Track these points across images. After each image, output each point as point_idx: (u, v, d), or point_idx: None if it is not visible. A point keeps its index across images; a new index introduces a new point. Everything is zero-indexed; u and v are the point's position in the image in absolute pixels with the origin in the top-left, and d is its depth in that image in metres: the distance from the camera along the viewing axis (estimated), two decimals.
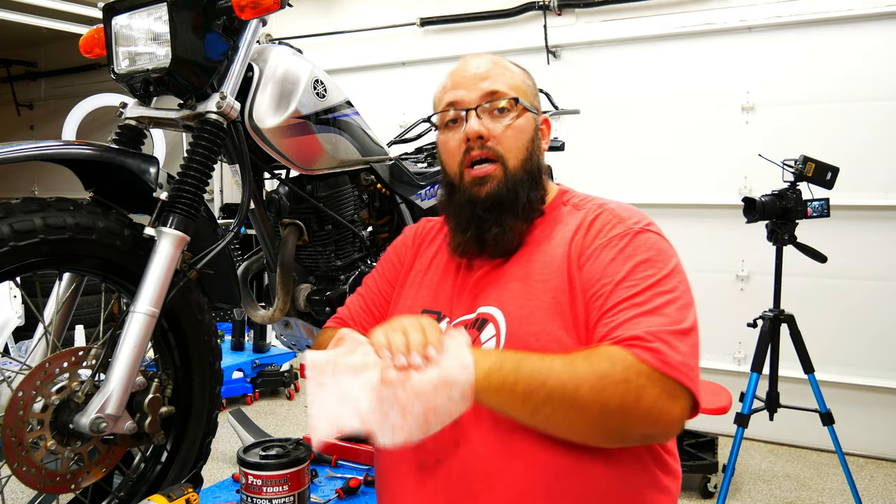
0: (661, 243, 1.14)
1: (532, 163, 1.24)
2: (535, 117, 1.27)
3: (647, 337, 1.01)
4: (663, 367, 0.99)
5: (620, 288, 1.08)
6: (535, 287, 1.15)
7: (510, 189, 1.21)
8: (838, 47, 3.54)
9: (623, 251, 1.12)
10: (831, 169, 2.66)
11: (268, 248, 1.77)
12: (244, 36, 1.48)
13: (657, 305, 1.05)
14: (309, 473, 1.48)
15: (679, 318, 1.05)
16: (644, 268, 1.09)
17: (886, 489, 3.19)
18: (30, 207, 1.24)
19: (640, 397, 0.99)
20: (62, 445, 1.28)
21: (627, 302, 1.06)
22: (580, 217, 1.20)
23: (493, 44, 4.41)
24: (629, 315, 1.04)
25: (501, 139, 1.21)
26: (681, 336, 1.03)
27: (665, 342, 1.01)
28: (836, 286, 3.57)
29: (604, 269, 1.11)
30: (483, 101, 1.22)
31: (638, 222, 1.16)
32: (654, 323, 1.03)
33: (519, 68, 1.30)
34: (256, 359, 4.37)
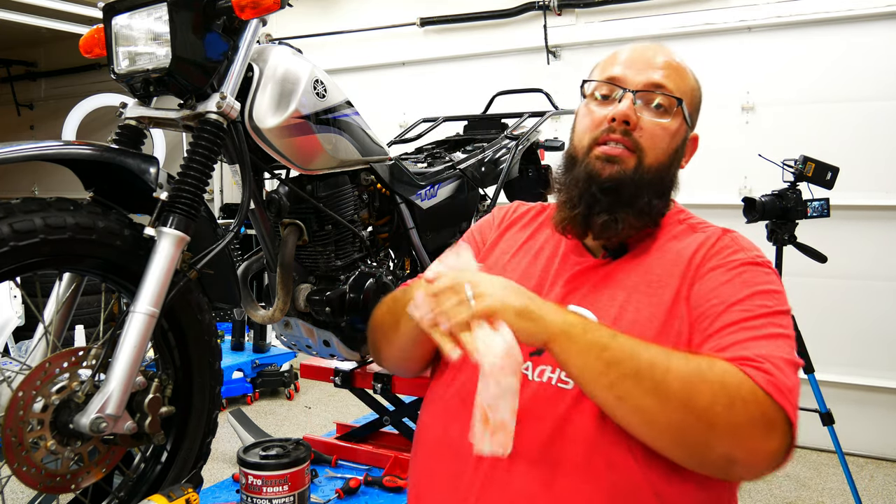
0: (779, 284, 1.07)
1: (668, 171, 1.16)
2: (688, 130, 1.20)
3: (758, 358, 0.92)
4: (769, 387, 0.88)
5: (733, 310, 0.99)
6: (639, 300, 1.07)
7: (636, 183, 1.11)
8: (838, 47, 3.54)
9: (741, 276, 1.04)
10: (831, 169, 2.66)
11: (268, 248, 1.77)
12: (244, 36, 1.48)
13: (771, 333, 0.96)
14: (309, 473, 1.48)
15: (791, 352, 0.95)
16: (761, 297, 1.01)
17: (886, 489, 3.19)
18: (30, 207, 1.24)
19: (733, 406, 0.87)
20: (62, 445, 1.28)
21: (739, 325, 0.97)
22: (700, 239, 1.13)
23: (493, 44, 4.41)
24: (740, 337, 0.96)
25: (648, 133, 1.12)
26: (792, 367, 0.93)
27: (777, 367, 0.91)
28: (836, 286, 3.57)
29: (716, 289, 1.03)
30: (647, 88, 1.14)
31: (760, 256, 1.09)
32: (768, 348, 0.93)
33: (694, 79, 1.23)
34: (256, 359, 4.37)
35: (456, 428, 1.07)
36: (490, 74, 4.34)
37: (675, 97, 1.15)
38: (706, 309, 1.01)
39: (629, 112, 1.11)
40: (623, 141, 1.12)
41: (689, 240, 1.13)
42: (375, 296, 1.81)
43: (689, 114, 1.18)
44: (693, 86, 1.21)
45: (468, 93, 4.02)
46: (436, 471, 1.11)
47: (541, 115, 2.66)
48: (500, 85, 2.96)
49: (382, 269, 1.96)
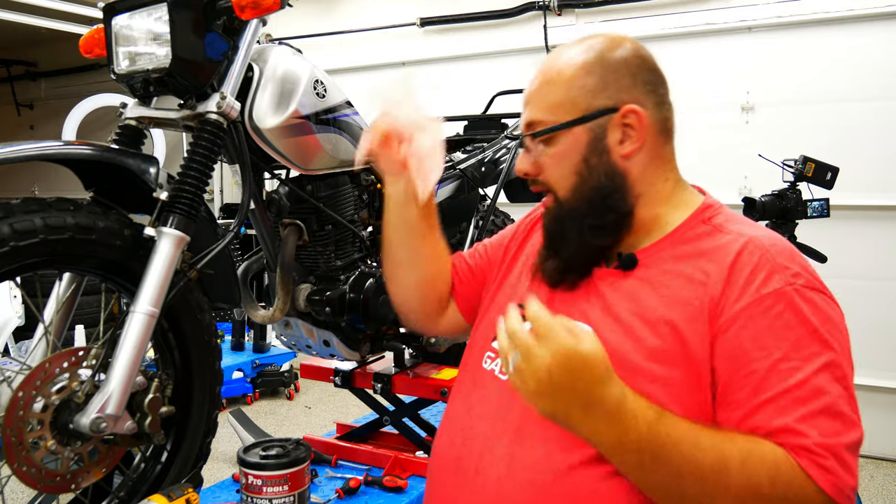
0: (827, 306, 0.92)
1: (587, 187, 1.03)
2: (594, 124, 1.02)
3: (820, 451, 0.83)
4: (835, 492, 0.82)
5: (778, 370, 0.87)
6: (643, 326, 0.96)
7: (560, 220, 1.06)
8: (838, 47, 3.54)
9: (781, 317, 0.89)
10: (831, 169, 2.66)
11: (268, 248, 1.77)
12: (244, 36, 1.48)
13: (829, 403, 0.85)
14: (309, 473, 1.48)
15: (852, 421, 0.86)
16: (809, 343, 0.88)
17: (886, 489, 3.19)
18: (30, 207, 1.24)
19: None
20: (62, 445, 1.28)
21: (790, 394, 0.86)
22: (722, 248, 0.97)
23: (493, 44, 4.41)
24: (795, 414, 0.85)
25: (548, 169, 1.06)
26: (855, 448, 0.85)
27: (840, 460, 0.83)
28: (836, 286, 3.52)
29: (755, 338, 0.89)
30: (526, 132, 1.08)
31: (799, 275, 0.93)
32: (828, 430, 0.84)
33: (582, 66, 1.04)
34: (256, 359, 4.37)
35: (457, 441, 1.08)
36: (490, 74, 4.34)
37: (548, 124, 1.04)
38: (743, 366, 0.89)
39: (522, 166, 1.09)
40: (539, 189, 1.10)
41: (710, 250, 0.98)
42: (375, 296, 1.81)
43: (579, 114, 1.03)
44: (571, 82, 1.03)
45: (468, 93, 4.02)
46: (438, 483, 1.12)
47: None
48: (500, 85, 2.96)
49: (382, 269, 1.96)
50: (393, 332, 2.05)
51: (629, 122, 1.02)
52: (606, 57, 1.04)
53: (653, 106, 1.04)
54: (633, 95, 1.03)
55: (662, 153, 1.06)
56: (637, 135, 1.02)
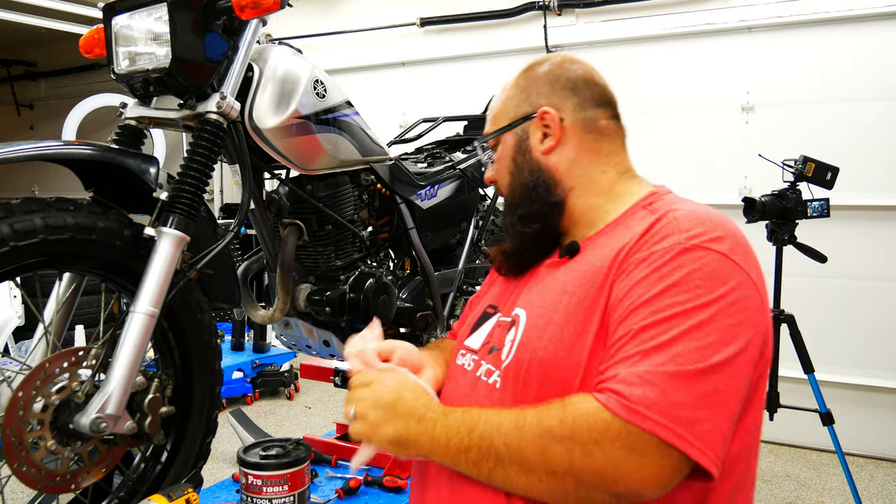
0: (715, 263, 0.92)
1: (518, 181, 1.16)
2: (518, 129, 1.16)
3: (630, 379, 0.86)
4: (626, 413, 0.84)
5: (637, 315, 0.91)
6: (562, 298, 1.03)
7: (504, 217, 1.22)
8: (838, 47, 3.54)
9: (659, 270, 0.93)
10: (831, 169, 2.66)
11: (268, 248, 1.77)
12: (244, 36, 1.48)
13: (667, 340, 0.87)
14: (309, 473, 1.48)
15: (693, 358, 0.85)
16: (675, 293, 0.90)
17: (886, 489, 3.19)
18: (30, 207, 1.24)
19: (590, 454, 0.85)
20: (62, 445, 1.28)
21: (636, 336, 0.89)
22: (640, 224, 1.02)
23: (493, 44, 4.40)
24: (629, 352, 0.89)
25: (497, 176, 1.22)
26: (681, 379, 0.84)
27: (648, 383, 0.84)
28: (836, 286, 3.57)
29: (630, 288, 0.94)
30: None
31: (699, 236, 0.94)
32: (649, 363, 0.86)
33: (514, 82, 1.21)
34: (256, 359, 4.37)
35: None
36: (490, 74, 4.34)
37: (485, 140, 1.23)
38: (618, 313, 0.94)
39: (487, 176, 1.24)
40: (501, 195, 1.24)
41: (636, 226, 1.03)
42: (375, 296, 1.82)
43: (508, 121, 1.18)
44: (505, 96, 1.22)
45: (468, 93, 4.01)
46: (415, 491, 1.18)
47: None
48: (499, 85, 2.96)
49: (382, 269, 1.96)
50: (393, 333, 2.05)
51: (546, 122, 1.14)
52: (530, 72, 1.20)
53: (572, 108, 1.14)
54: (550, 100, 1.15)
55: (595, 149, 1.14)
56: (554, 133, 1.13)
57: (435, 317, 2.09)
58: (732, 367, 0.87)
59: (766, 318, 0.95)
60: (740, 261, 0.93)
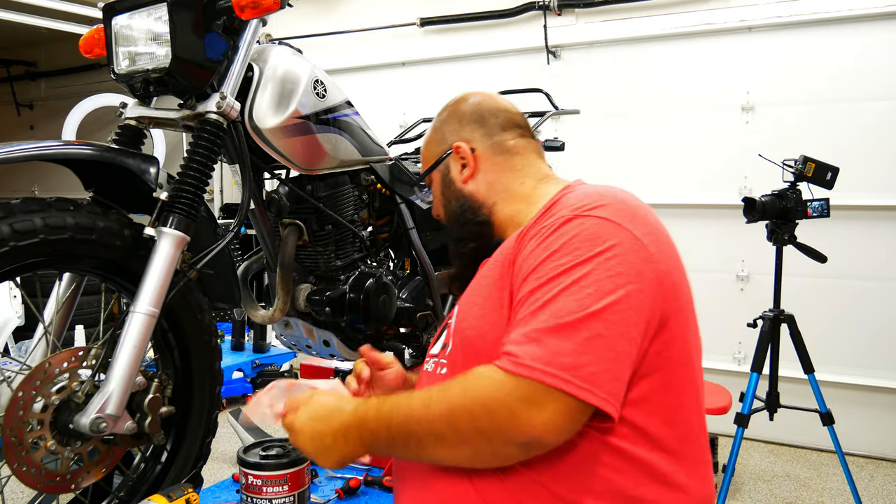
0: (595, 227, 0.99)
1: (449, 210, 1.32)
2: (441, 167, 1.32)
3: (518, 339, 0.93)
4: (515, 367, 0.90)
5: (526, 284, 0.99)
6: (481, 282, 1.14)
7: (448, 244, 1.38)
8: (838, 47, 3.54)
9: (545, 241, 1.01)
10: (831, 169, 2.66)
11: (268, 248, 1.77)
12: (244, 36, 1.48)
13: (548, 299, 0.94)
14: (309, 473, 1.48)
15: (571, 309, 0.92)
16: (557, 257, 0.97)
17: (886, 489, 3.19)
18: (30, 207, 1.24)
19: (492, 413, 0.91)
20: (62, 445, 1.28)
21: (524, 301, 0.97)
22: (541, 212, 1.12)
23: (493, 44, 4.40)
24: (520, 317, 0.97)
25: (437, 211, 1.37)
26: (562, 330, 0.91)
27: (533, 341, 0.91)
28: (836, 286, 3.57)
29: (524, 260, 1.02)
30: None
31: (582, 206, 1.02)
32: (537, 321, 0.93)
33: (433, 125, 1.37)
34: (256, 359, 4.36)
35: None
36: (490, 74, 4.34)
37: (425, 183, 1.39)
38: (516, 286, 1.03)
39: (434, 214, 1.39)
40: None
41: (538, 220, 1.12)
42: (375, 296, 1.82)
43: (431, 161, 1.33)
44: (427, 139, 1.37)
45: None
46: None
47: (541, 115, 2.66)
48: (500, 85, 2.96)
49: (382, 269, 1.96)
50: (393, 332, 2.05)
51: (462, 154, 1.28)
52: (442, 114, 1.35)
53: (481, 137, 1.28)
54: (461, 135, 1.30)
55: (509, 166, 1.27)
56: (469, 163, 1.28)
57: (435, 317, 2.09)
58: (615, 312, 0.92)
59: (656, 267, 0.99)
60: (622, 221, 1.00)
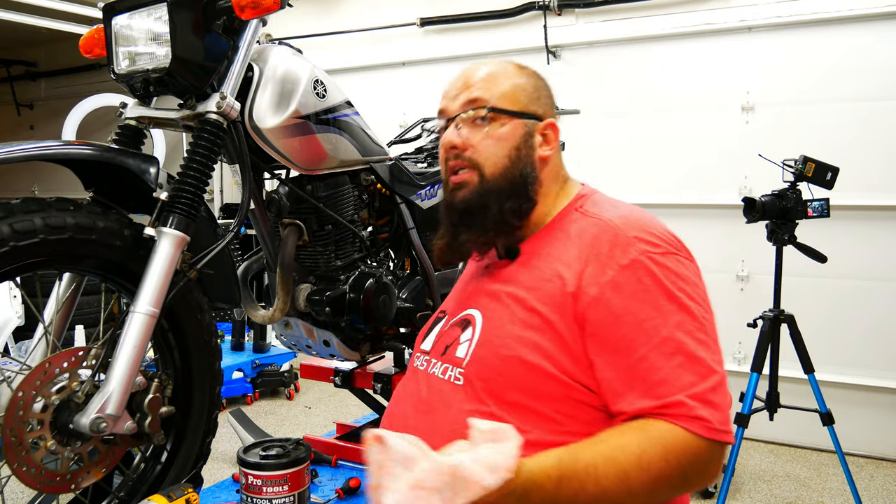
0: (678, 266, 1.04)
1: (515, 171, 1.17)
2: (528, 123, 1.20)
3: (690, 403, 0.95)
4: (712, 434, 0.95)
5: (644, 330, 0.99)
6: (518, 302, 1.10)
7: (482, 198, 1.17)
8: (838, 47, 3.54)
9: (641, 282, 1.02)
10: (831, 169, 2.66)
11: (268, 248, 1.77)
12: (244, 36, 1.48)
13: (687, 352, 0.98)
14: (309, 473, 1.48)
15: (711, 363, 0.98)
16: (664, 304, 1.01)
17: (886, 489, 3.19)
18: (30, 207, 1.24)
19: (688, 475, 0.96)
20: (62, 445, 1.28)
21: (656, 352, 0.98)
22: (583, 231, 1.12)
23: (493, 44, 4.40)
24: (662, 371, 0.97)
25: (479, 148, 1.18)
26: (718, 388, 0.98)
27: (708, 404, 0.96)
28: (836, 286, 3.57)
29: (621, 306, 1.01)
30: (462, 110, 1.20)
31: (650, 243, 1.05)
32: (692, 379, 0.97)
33: (520, 73, 1.23)
34: (256, 359, 4.37)
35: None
36: None
37: (490, 106, 1.18)
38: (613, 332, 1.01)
39: (452, 138, 1.19)
40: (461, 164, 1.19)
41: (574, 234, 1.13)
42: (375, 296, 1.82)
43: (519, 109, 1.19)
44: (516, 83, 1.22)
45: None
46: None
47: None
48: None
49: (382, 269, 1.96)
50: (393, 333, 2.05)
51: (547, 132, 1.21)
52: (536, 75, 1.26)
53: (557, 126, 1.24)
54: (550, 112, 1.24)
55: (558, 162, 1.25)
56: (551, 145, 1.22)
57: None
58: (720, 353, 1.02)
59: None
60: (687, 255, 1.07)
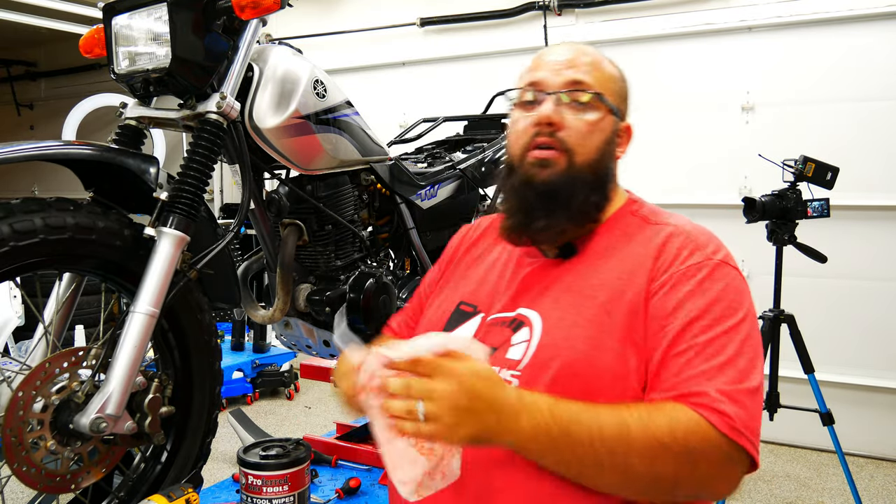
0: (738, 280, 1.06)
1: (601, 165, 1.13)
2: (616, 121, 1.16)
3: (717, 396, 0.94)
4: (730, 432, 0.92)
5: (692, 328, 0.99)
6: (583, 303, 1.07)
7: (569, 182, 1.11)
8: (838, 47, 3.54)
9: (701, 284, 1.03)
10: (831, 169, 2.66)
11: (268, 248, 1.77)
12: (244, 36, 1.48)
13: (729, 357, 0.98)
14: (309, 473, 1.48)
15: (749, 372, 0.97)
16: (719, 309, 1.01)
17: (886, 489, 3.19)
18: (30, 207, 1.24)
19: (698, 464, 0.92)
20: (62, 445, 1.28)
21: (697, 350, 0.98)
22: (653, 239, 1.10)
23: (493, 44, 4.40)
24: (698, 368, 0.97)
25: (573, 132, 1.11)
26: (750, 395, 0.96)
27: (736, 402, 0.94)
28: (836, 286, 3.57)
29: (678, 302, 1.02)
30: (565, 88, 1.13)
31: (716, 252, 1.07)
32: (726, 378, 0.96)
33: (615, 69, 1.20)
34: (256, 359, 4.37)
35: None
36: (490, 74, 4.34)
37: (595, 92, 1.13)
38: (667, 323, 1.01)
39: (551, 114, 1.11)
40: (551, 143, 1.12)
41: (640, 237, 1.12)
42: (375, 296, 1.82)
43: (614, 105, 1.15)
44: (614, 77, 1.18)
45: (468, 93, 4.02)
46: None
47: None
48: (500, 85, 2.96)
49: (382, 269, 1.96)
50: None
51: (623, 134, 1.19)
52: (624, 75, 1.22)
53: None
54: (627, 114, 1.21)
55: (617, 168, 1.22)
56: (623, 147, 1.20)
57: None
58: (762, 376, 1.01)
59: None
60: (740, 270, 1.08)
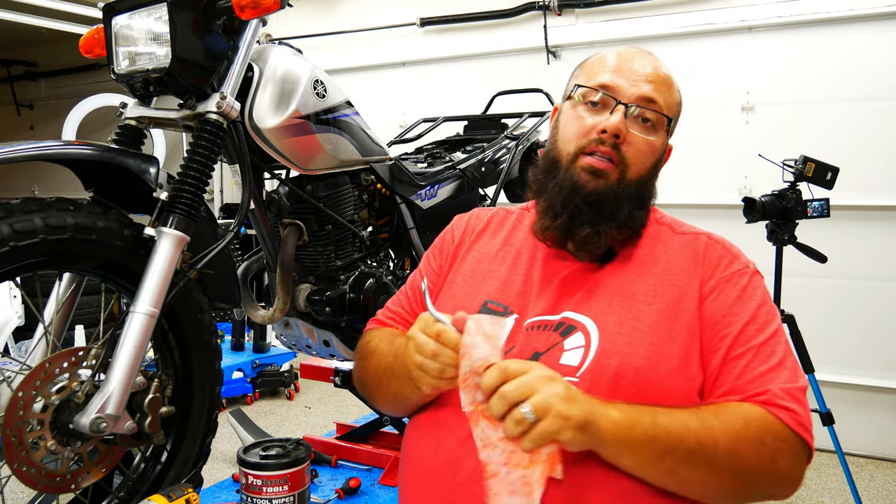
0: (764, 286, 1.14)
1: (648, 183, 1.16)
2: (667, 143, 1.20)
3: (780, 394, 1.00)
4: (798, 428, 0.98)
5: (747, 332, 1.05)
6: (640, 309, 1.08)
7: (618, 196, 1.12)
8: (838, 47, 3.54)
9: (746, 290, 1.10)
10: (831, 169, 2.66)
11: (268, 248, 1.77)
12: (244, 36, 1.48)
13: (781, 358, 1.04)
14: (309, 473, 1.48)
15: (798, 372, 1.05)
16: (765, 313, 1.08)
17: (886, 489, 3.19)
18: (30, 207, 1.24)
19: (775, 459, 0.97)
20: (62, 445, 1.28)
21: (755, 352, 1.04)
22: (685, 244, 1.16)
23: (493, 44, 4.41)
24: (758, 370, 1.03)
25: (634, 149, 1.12)
26: (804, 393, 1.03)
27: (797, 401, 1.00)
28: (836, 286, 3.57)
29: (729, 306, 1.08)
30: (639, 102, 1.13)
31: (748, 262, 1.15)
32: (783, 378, 1.02)
33: (678, 89, 1.20)
34: (256, 359, 4.37)
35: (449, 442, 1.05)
36: (490, 74, 4.34)
37: (665, 115, 1.15)
38: (723, 327, 1.06)
39: (621, 126, 1.10)
40: (610, 154, 1.11)
41: (674, 245, 1.16)
42: (375, 296, 1.82)
43: (673, 126, 1.19)
44: (679, 102, 1.20)
45: (468, 93, 4.02)
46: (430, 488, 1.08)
47: (541, 115, 2.66)
48: (500, 85, 2.96)
49: (382, 269, 1.96)
50: None
51: (667, 155, 1.21)
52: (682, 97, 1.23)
53: None
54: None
55: None
56: (663, 166, 1.21)
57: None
58: None
59: None
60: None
